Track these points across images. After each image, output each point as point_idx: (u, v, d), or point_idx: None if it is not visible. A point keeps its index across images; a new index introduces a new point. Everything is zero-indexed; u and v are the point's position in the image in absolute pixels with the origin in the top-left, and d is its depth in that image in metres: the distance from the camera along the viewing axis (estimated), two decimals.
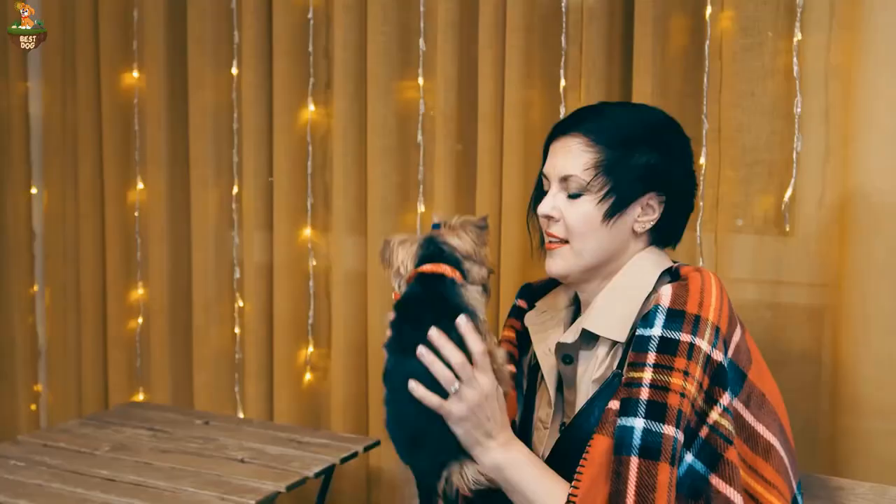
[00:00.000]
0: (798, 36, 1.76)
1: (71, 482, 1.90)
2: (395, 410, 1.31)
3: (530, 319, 1.44)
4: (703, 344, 1.20)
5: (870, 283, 1.71)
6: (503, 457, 1.27)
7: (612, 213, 1.30)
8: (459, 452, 1.28)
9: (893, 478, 1.66)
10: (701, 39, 1.87)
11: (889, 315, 1.69)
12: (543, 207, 1.35)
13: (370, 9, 2.22)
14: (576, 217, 1.32)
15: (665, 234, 1.37)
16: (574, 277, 1.36)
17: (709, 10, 1.85)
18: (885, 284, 1.69)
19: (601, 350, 1.31)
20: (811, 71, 1.77)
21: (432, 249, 1.32)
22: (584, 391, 1.32)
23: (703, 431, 1.20)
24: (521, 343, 1.48)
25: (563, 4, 2.00)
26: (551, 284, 1.48)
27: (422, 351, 1.25)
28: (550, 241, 1.35)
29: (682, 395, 1.18)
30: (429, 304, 1.29)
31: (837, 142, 1.75)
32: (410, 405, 1.27)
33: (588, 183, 1.30)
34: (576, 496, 1.19)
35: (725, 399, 1.22)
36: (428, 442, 1.29)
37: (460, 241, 1.32)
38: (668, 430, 1.16)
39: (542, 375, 1.40)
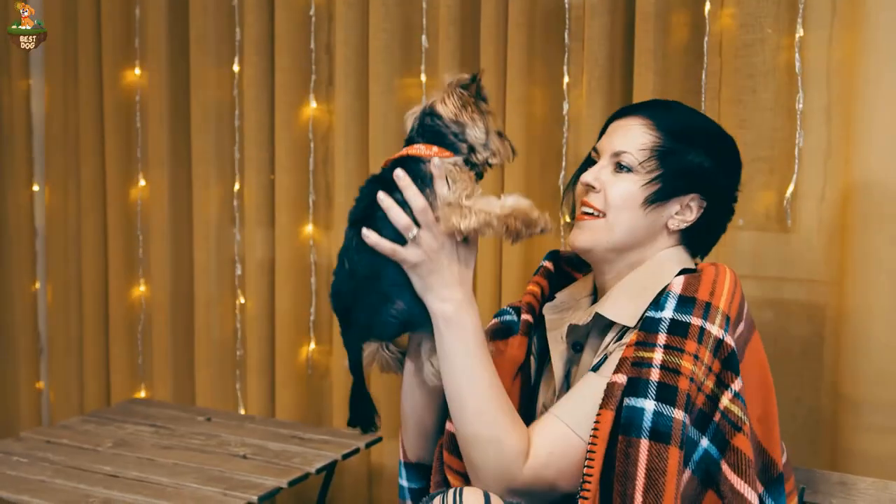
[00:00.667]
0: (800, 32, 1.76)
1: (73, 478, 1.91)
2: (336, 281, 1.30)
3: (548, 310, 1.44)
4: (714, 329, 1.20)
5: (871, 279, 1.71)
6: (453, 312, 1.23)
7: (653, 200, 1.31)
8: (384, 336, 1.29)
9: (894, 473, 1.66)
10: (702, 36, 1.87)
11: (890, 311, 1.69)
12: (587, 176, 1.35)
13: (372, 6, 2.22)
14: (617, 192, 1.31)
15: (695, 241, 1.37)
16: (597, 254, 1.35)
17: (708, 6, 1.85)
18: (886, 281, 1.69)
19: (609, 337, 1.31)
20: (813, 67, 1.77)
21: (414, 128, 1.30)
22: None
23: (716, 416, 1.20)
24: (541, 314, 1.47)
25: (565, 1, 2.00)
26: (577, 257, 1.47)
27: (380, 196, 1.23)
28: (583, 212, 1.35)
29: (692, 379, 1.18)
30: (383, 182, 1.26)
31: (839, 138, 1.75)
32: (346, 277, 1.27)
33: (640, 163, 1.31)
34: (591, 476, 1.18)
35: (737, 384, 1.21)
36: (356, 317, 1.28)
37: (444, 108, 1.28)
38: (678, 414, 1.16)
39: (549, 362, 1.40)
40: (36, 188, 2.89)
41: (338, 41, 2.29)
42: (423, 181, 1.24)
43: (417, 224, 1.23)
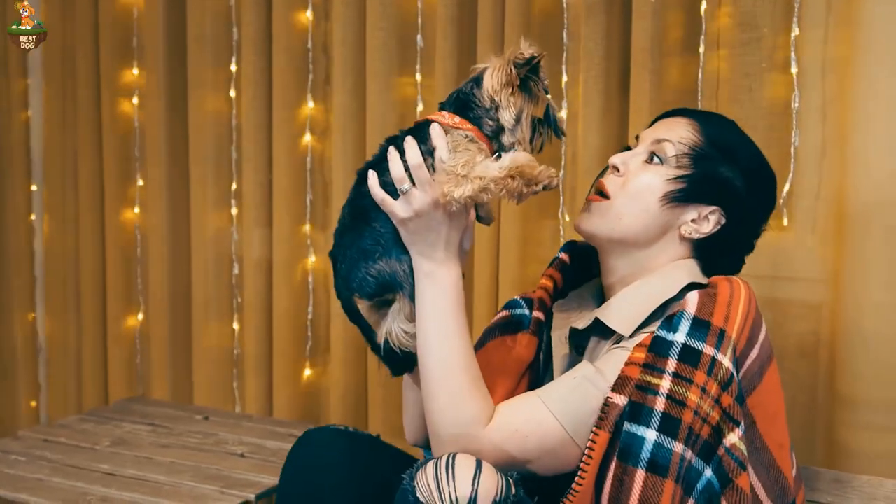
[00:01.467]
0: (795, 31, 1.76)
1: (71, 476, 1.91)
2: (336, 230, 1.33)
3: (557, 308, 1.43)
4: (725, 360, 1.18)
5: (867, 277, 1.71)
6: (433, 269, 1.25)
7: (673, 197, 1.29)
8: (362, 292, 1.29)
9: (889, 471, 1.67)
10: (698, 35, 1.87)
11: (886, 309, 1.70)
12: (615, 158, 1.35)
13: (369, 5, 2.22)
14: (641, 180, 1.31)
15: (708, 257, 1.34)
16: (600, 241, 1.34)
17: (705, 5, 1.85)
18: (881, 279, 1.70)
19: (609, 343, 1.30)
20: (809, 66, 1.77)
21: (452, 95, 1.30)
22: None
23: (720, 451, 1.18)
24: (551, 310, 1.46)
25: (562, 0, 2.01)
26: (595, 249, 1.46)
27: (390, 149, 1.26)
28: (596, 192, 1.34)
29: (696, 412, 1.16)
30: (396, 141, 1.28)
31: (835, 136, 1.76)
32: (340, 227, 1.31)
33: (671, 156, 1.30)
34: (576, 494, 1.18)
35: (745, 423, 1.20)
36: (339, 268, 1.31)
37: (490, 80, 1.26)
38: (678, 447, 1.15)
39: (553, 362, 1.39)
40: (34, 187, 2.89)
41: (335, 41, 2.29)
42: (423, 142, 1.24)
43: (413, 182, 1.23)
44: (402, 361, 1.33)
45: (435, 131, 1.24)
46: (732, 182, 1.31)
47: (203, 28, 2.48)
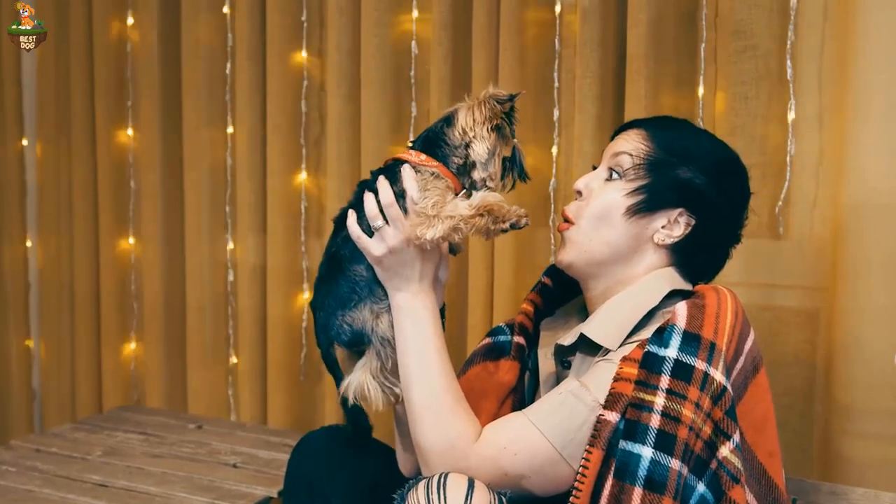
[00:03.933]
0: (791, 39, 1.75)
1: (62, 488, 1.90)
2: (315, 280, 1.37)
3: (545, 325, 1.43)
4: (717, 374, 1.17)
5: (863, 285, 1.70)
6: (408, 301, 1.28)
7: (636, 210, 1.29)
8: (340, 340, 1.32)
9: (886, 483, 1.65)
10: (694, 42, 1.86)
11: (882, 318, 1.69)
12: (578, 182, 1.35)
13: (364, 11, 2.22)
14: (601, 200, 1.31)
15: (688, 263, 1.33)
16: (577, 269, 1.34)
17: (704, 11, 1.84)
18: (878, 287, 1.69)
19: (596, 358, 1.28)
20: (805, 74, 1.76)
21: (421, 134, 1.32)
22: None
23: (713, 464, 1.18)
24: (535, 333, 1.46)
25: (557, 6, 2.00)
26: None
27: (368, 194, 1.28)
28: (564, 221, 1.35)
29: (691, 428, 1.15)
30: (366, 183, 1.31)
31: (831, 144, 1.75)
32: (318, 275, 1.35)
33: (625, 170, 1.30)
34: None
35: (737, 435, 1.19)
36: (318, 316, 1.34)
37: (466, 117, 1.29)
38: (675, 463, 1.13)
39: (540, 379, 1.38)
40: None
41: (330, 46, 2.28)
42: (395, 182, 1.28)
43: (386, 220, 1.26)
44: (358, 419, 1.37)
45: (405, 173, 1.27)
46: (693, 182, 1.30)
47: (198, 36, 2.47)
